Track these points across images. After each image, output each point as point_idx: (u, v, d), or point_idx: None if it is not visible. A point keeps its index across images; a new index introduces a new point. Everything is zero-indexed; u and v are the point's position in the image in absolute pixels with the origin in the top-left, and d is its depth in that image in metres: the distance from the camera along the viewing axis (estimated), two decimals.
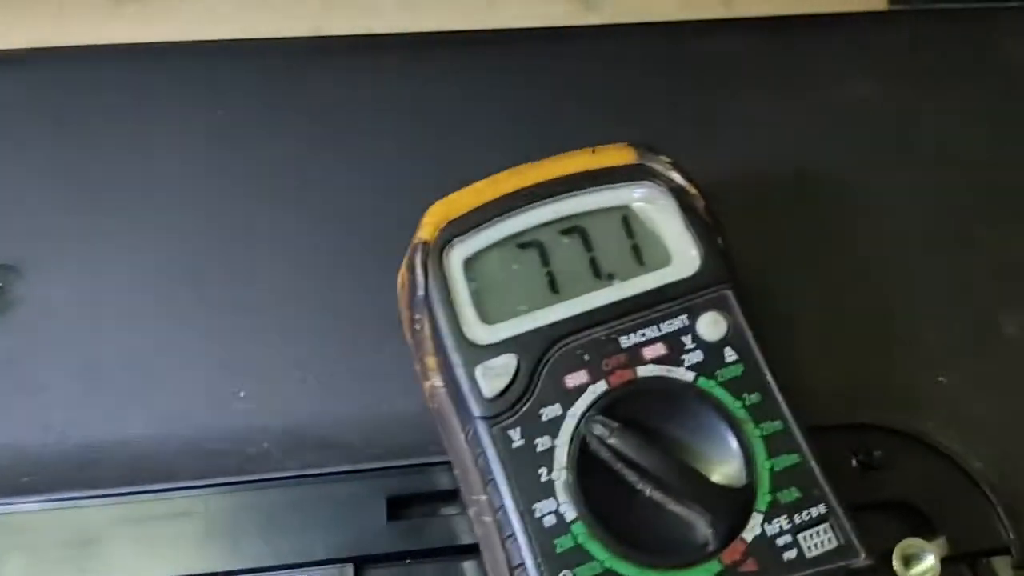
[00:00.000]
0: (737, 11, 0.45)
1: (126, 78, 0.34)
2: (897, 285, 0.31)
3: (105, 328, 0.28)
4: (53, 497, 0.25)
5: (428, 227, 0.24)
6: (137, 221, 0.31)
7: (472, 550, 0.25)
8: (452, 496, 0.26)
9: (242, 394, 0.28)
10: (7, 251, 0.30)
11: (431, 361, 0.24)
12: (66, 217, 0.30)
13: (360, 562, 0.25)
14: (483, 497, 0.23)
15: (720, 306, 0.24)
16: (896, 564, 0.23)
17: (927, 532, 0.27)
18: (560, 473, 0.22)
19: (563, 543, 0.21)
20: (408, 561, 0.25)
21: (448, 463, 0.25)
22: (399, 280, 0.26)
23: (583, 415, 0.23)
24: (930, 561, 0.23)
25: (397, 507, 0.26)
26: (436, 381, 0.24)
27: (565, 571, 0.21)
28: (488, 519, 0.23)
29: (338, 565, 0.25)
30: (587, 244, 0.25)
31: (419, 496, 0.26)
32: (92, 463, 0.26)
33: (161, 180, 0.31)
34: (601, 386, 0.23)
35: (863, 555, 0.22)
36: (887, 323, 0.31)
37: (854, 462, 0.27)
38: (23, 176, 0.31)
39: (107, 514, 0.25)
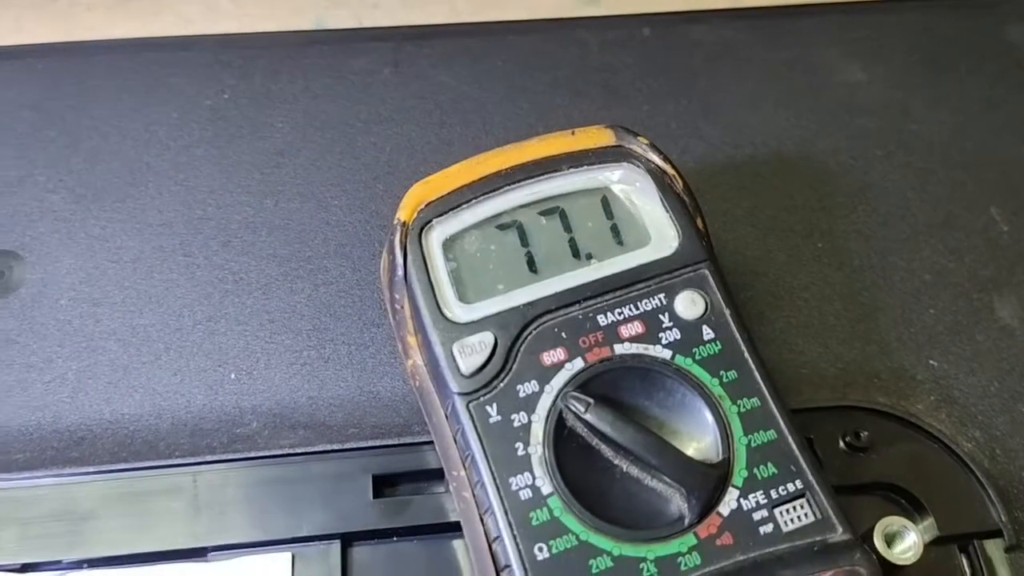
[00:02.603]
0: (740, 1, 0.45)
1: (129, 72, 0.34)
2: (890, 269, 0.31)
3: (101, 312, 0.29)
4: (47, 473, 0.26)
5: (407, 208, 0.25)
6: (134, 209, 0.31)
7: (457, 527, 0.25)
8: (436, 475, 0.26)
9: (232, 376, 0.28)
10: (10, 237, 0.30)
11: (411, 340, 0.25)
12: (66, 205, 0.31)
13: (347, 539, 0.25)
14: (462, 472, 0.23)
15: (698, 285, 0.24)
16: (878, 542, 0.23)
17: (916, 514, 0.26)
18: (536, 448, 0.22)
19: (539, 516, 0.21)
20: (394, 538, 0.26)
21: (432, 442, 0.25)
22: (382, 262, 0.26)
23: (560, 391, 0.23)
24: (912, 539, 0.23)
25: (382, 485, 0.26)
26: (417, 359, 0.25)
27: (540, 544, 0.21)
28: (467, 494, 0.23)
29: (325, 542, 0.25)
30: (566, 225, 0.25)
31: (404, 475, 0.26)
32: (85, 441, 0.27)
33: (157, 171, 0.32)
34: (578, 363, 0.23)
35: (840, 530, 0.22)
36: (878, 306, 0.30)
37: (842, 444, 0.27)
38: (27, 166, 0.32)
39: (99, 490, 0.26)
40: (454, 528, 0.25)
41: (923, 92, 0.35)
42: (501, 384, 0.23)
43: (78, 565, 0.25)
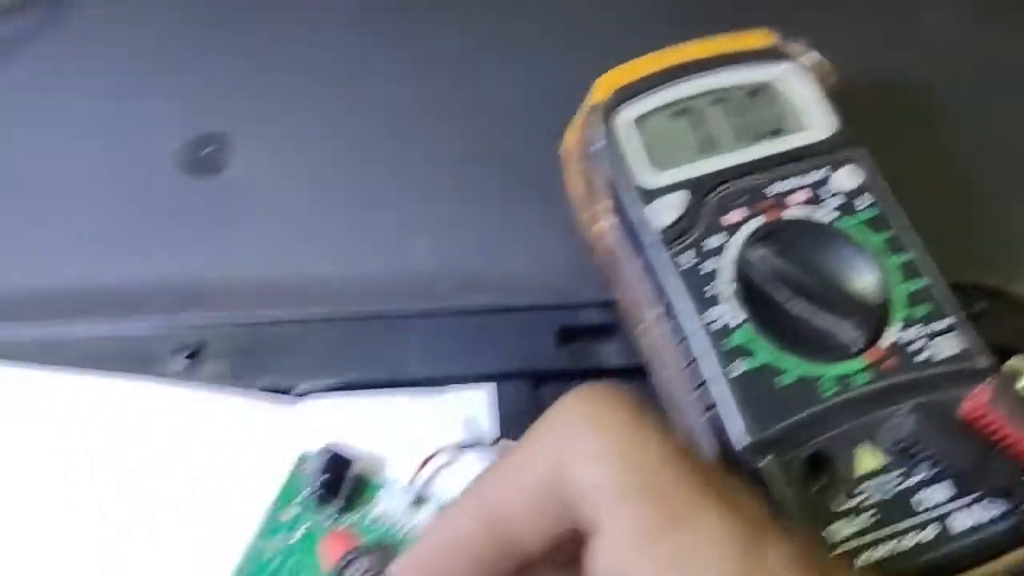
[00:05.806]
0: None
1: None
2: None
3: (302, 185, 0.34)
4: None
5: (601, 90, 0.29)
6: (325, 91, 0.36)
7: (634, 372, 0.29)
8: (614, 329, 0.30)
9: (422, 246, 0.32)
10: (217, 121, 0.35)
11: (604, 205, 0.29)
12: (265, 90, 0.36)
13: (537, 376, 0.29)
14: (658, 310, 0.27)
15: (856, 161, 0.28)
16: None
17: None
18: (725, 287, 0.26)
19: (730, 342, 0.25)
20: (577, 381, 0.29)
21: (607, 304, 0.29)
22: (566, 142, 0.30)
23: (743, 243, 0.27)
24: None
25: (566, 337, 0.30)
26: (609, 221, 0.28)
27: (733, 362, 0.25)
28: (658, 331, 0.27)
29: (517, 380, 0.29)
30: (738, 110, 0.29)
31: (586, 328, 0.30)
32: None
33: (344, 57, 0.36)
34: (755, 222, 0.27)
35: (983, 357, 0.25)
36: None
37: None
38: (229, 56, 0.37)
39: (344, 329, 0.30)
40: (632, 372, 0.29)
41: None
42: (691, 238, 0.27)
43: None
